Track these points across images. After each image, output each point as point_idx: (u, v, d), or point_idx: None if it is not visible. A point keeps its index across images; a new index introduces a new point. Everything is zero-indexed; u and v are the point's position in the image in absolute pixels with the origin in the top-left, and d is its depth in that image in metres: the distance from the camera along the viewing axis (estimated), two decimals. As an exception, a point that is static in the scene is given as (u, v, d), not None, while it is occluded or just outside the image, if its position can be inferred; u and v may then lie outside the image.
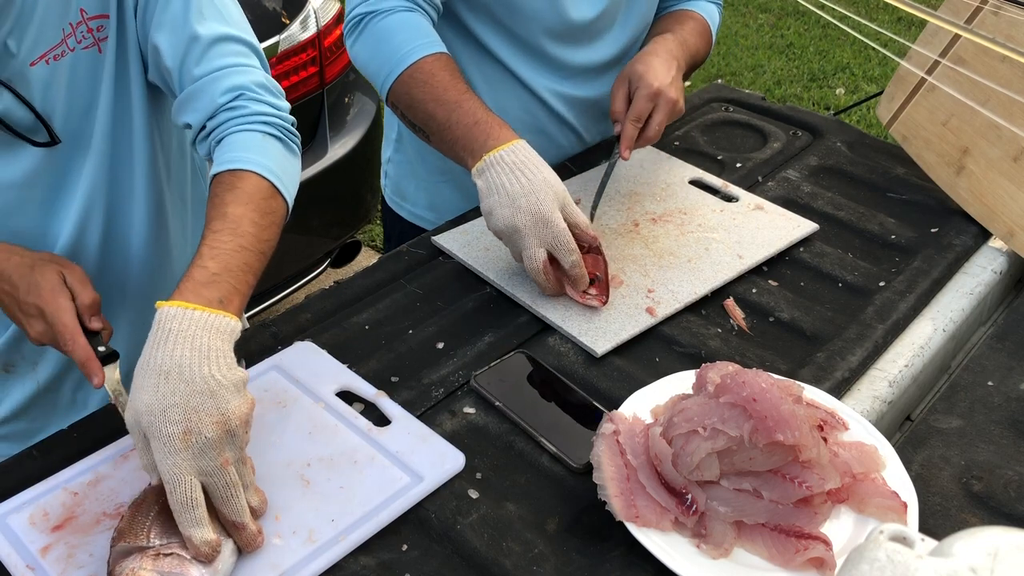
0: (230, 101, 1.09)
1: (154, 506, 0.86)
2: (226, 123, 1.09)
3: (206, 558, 0.83)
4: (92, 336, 0.98)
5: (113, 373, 0.97)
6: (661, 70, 1.31)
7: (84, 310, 0.99)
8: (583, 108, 1.52)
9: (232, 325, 0.90)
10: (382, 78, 1.31)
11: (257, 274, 0.99)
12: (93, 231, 1.18)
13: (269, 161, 1.07)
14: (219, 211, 1.00)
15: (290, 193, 1.10)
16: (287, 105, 1.15)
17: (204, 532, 0.83)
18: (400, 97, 1.30)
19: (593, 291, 1.18)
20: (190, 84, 1.09)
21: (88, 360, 0.95)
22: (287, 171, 1.10)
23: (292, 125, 1.14)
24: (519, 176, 1.16)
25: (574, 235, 1.17)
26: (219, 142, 1.09)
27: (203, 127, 1.10)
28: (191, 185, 1.32)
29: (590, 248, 1.20)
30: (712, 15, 1.57)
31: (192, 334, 0.86)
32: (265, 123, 1.10)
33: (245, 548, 0.87)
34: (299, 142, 1.15)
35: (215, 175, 1.05)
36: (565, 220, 1.16)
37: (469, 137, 1.22)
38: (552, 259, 1.17)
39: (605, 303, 1.18)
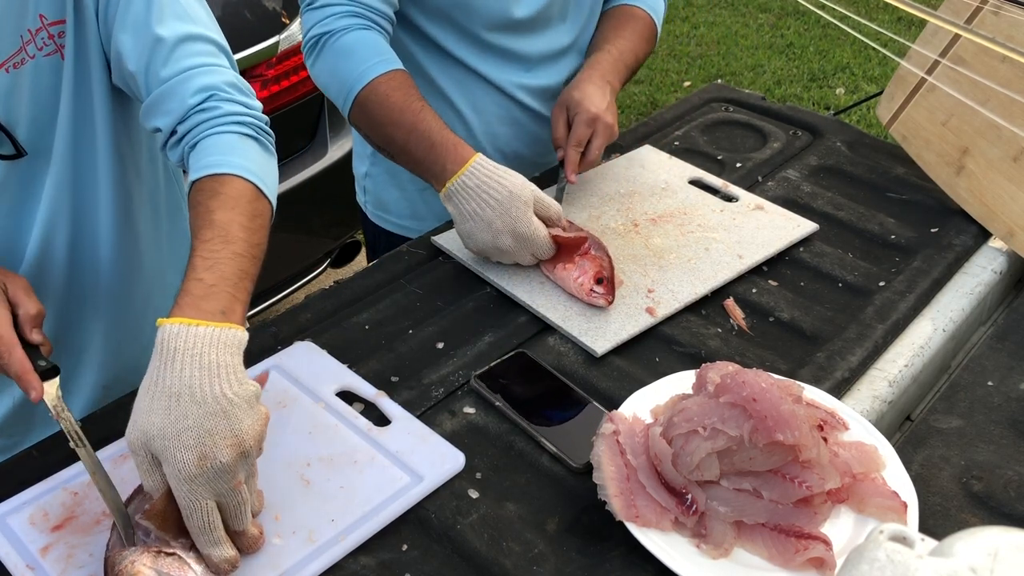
0: (201, 102, 1.05)
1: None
2: (199, 126, 1.05)
3: (226, 574, 0.84)
4: (32, 349, 0.92)
5: (52, 388, 0.90)
6: (596, 96, 1.36)
7: (26, 321, 0.93)
8: (549, 98, 1.53)
9: (238, 336, 0.87)
10: (341, 100, 1.33)
11: (254, 280, 0.96)
12: (59, 241, 1.14)
13: (249, 163, 1.03)
14: (206, 219, 0.96)
15: (272, 194, 1.06)
16: (259, 104, 1.11)
17: (224, 550, 0.83)
18: (359, 119, 1.33)
19: (600, 290, 1.18)
20: (157, 87, 1.04)
21: (24, 373, 0.89)
22: (267, 172, 1.06)
23: (266, 124, 1.10)
24: (486, 198, 1.20)
25: (550, 222, 1.23)
26: (193, 147, 1.04)
27: (174, 131, 1.06)
28: (164, 190, 1.28)
29: (596, 248, 1.22)
30: (656, 5, 1.57)
31: (198, 352, 0.83)
32: (240, 123, 1.06)
33: (245, 551, 0.87)
34: (274, 141, 1.12)
35: (195, 181, 1.01)
36: (539, 215, 1.22)
37: (429, 161, 1.25)
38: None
39: (611, 303, 1.18)
